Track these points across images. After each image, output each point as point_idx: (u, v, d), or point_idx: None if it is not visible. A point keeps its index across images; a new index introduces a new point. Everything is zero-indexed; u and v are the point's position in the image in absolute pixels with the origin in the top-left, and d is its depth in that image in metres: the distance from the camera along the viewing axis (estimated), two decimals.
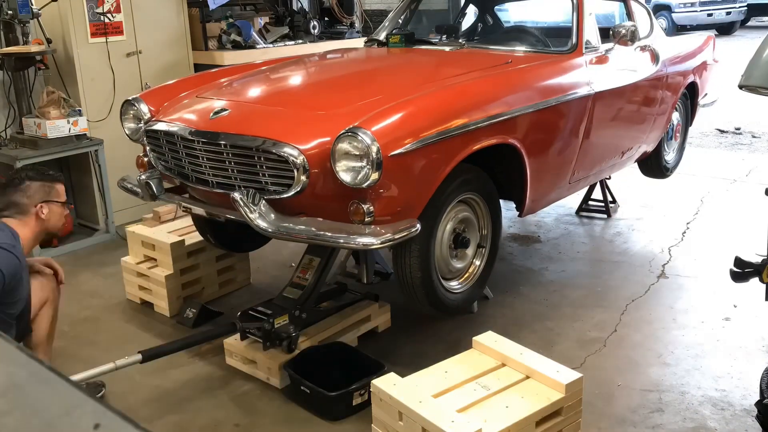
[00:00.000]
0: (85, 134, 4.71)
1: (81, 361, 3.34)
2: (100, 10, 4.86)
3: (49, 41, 4.68)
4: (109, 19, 4.92)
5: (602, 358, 3.22)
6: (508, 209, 5.25)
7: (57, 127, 4.52)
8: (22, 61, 4.59)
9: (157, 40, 5.24)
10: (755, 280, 2.55)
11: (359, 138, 2.59)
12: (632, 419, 2.75)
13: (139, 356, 2.85)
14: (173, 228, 4.00)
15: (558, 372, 2.45)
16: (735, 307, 3.63)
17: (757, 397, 2.61)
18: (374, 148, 2.57)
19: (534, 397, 2.37)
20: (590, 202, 5.18)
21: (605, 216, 5.07)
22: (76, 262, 4.57)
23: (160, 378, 3.15)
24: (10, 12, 4.55)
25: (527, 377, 2.48)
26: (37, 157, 4.53)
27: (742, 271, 2.55)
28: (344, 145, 2.62)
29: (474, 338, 2.70)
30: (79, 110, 4.71)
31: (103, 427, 0.65)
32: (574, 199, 5.28)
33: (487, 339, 2.68)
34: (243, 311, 3.22)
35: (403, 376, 2.49)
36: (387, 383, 2.43)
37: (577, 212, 5.18)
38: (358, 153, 2.61)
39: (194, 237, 3.87)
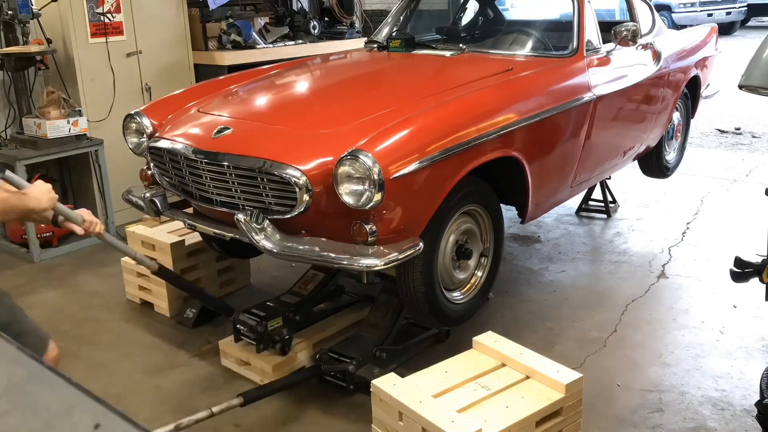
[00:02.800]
0: (85, 134, 4.71)
1: (81, 361, 3.34)
2: (100, 10, 4.86)
3: (49, 41, 4.69)
4: (109, 19, 4.92)
5: (602, 358, 3.22)
6: (508, 209, 5.25)
7: (57, 127, 4.52)
8: (22, 61, 4.59)
9: (157, 40, 5.24)
10: (755, 280, 2.55)
11: (360, 161, 2.59)
12: (632, 419, 2.76)
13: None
14: (173, 228, 4.00)
15: (558, 372, 2.45)
16: (735, 307, 3.63)
17: (757, 397, 2.61)
18: (376, 170, 2.57)
19: (534, 397, 2.37)
20: (590, 202, 5.18)
21: (605, 216, 5.07)
22: (76, 262, 4.57)
23: (160, 378, 3.15)
24: (10, 12, 4.55)
25: (527, 377, 2.48)
26: (37, 157, 4.53)
27: (742, 271, 2.55)
28: (346, 168, 2.63)
29: (474, 338, 2.70)
30: (79, 110, 4.71)
31: (103, 427, 0.65)
32: (574, 199, 5.27)
33: (487, 339, 2.68)
34: (234, 313, 3.24)
35: (403, 376, 2.49)
36: (387, 383, 2.43)
37: (577, 212, 5.18)
38: (359, 176, 2.61)
39: (194, 237, 3.87)
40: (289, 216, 2.75)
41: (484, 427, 2.19)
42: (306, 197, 2.69)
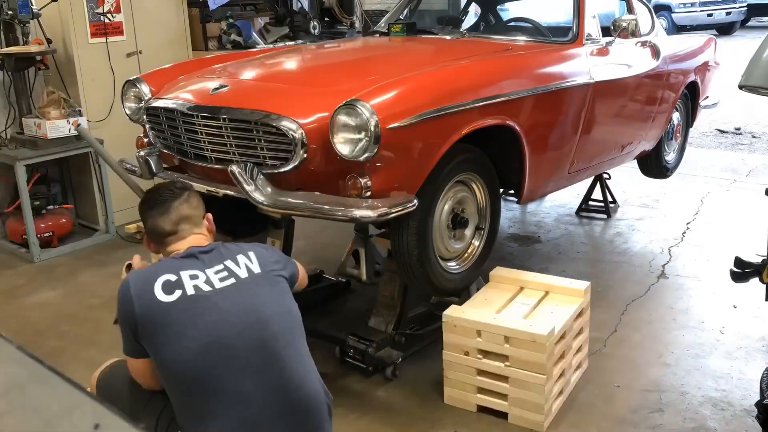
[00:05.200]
0: None
1: (81, 361, 3.34)
2: (100, 10, 4.86)
3: (49, 41, 4.68)
4: (109, 20, 4.92)
5: (602, 358, 3.22)
6: (508, 209, 5.25)
7: (57, 127, 4.52)
8: (22, 62, 4.59)
9: (157, 41, 5.24)
10: (755, 280, 2.54)
11: (358, 110, 2.58)
12: (632, 419, 2.76)
13: None
14: None
15: (572, 283, 3.08)
16: (735, 307, 3.63)
17: (757, 397, 2.61)
18: (373, 121, 2.56)
19: (564, 303, 2.97)
20: (590, 202, 5.18)
21: (605, 216, 5.07)
22: (76, 262, 4.57)
23: None
24: (10, 12, 4.55)
25: (547, 293, 3.06)
26: (37, 157, 4.53)
27: (742, 271, 2.55)
28: (343, 117, 2.62)
29: (490, 273, 3.20)
30: (79, 110, 4.71)
31: (103, 427, 0.65)
32: (574, 199, 5.28)
33: (501, 271, 3.24)
34: None
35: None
36: (456, 312, 2.86)
37: (577, 212, 5.18)
38: (356, 125, 2.60)
39: None
40: (283, 170, 2.75)
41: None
42: (301, 151, 2.68)
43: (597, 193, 5.12)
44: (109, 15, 4.91)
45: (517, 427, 2.72)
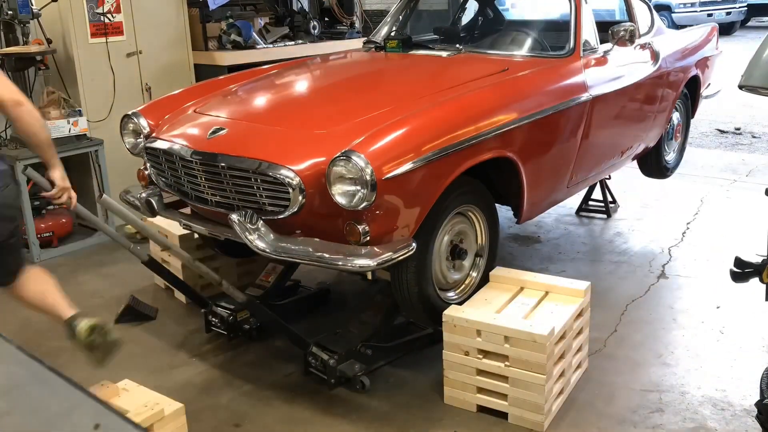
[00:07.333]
0: (85, 134, 4.71)
1: (81, 361, 3.34)
2: (100, 10, 4.86)
3: (49, 41, 4.69)
4: (109, 20, 4.92)
5: (602, 358, 3.22)
6: (508, 209, 5.25)
7: (57, 127, 4.52)
8: (22, 62, 4.59)
9: (157, 41, 5.24)
10: (755, 280, 2.54)
11: (353, 162, 2.59)
12: (632, 419, 2.76)
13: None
14: None
15: (572, 283, 3.09)
16: (734, 307, 3.63)
17: (757, 397, 2.61)
18: (368, 171, 2.57)
19: (564, 303, 2.97)
20: (590, 202, 5.18)
21: (605, 216, 5.07)
22: (76, 262, 4.57)
23: (160, 378, 3.15)
24: (10, 12, 4.55)
25: (547, 293, 3.07)
26: (37, 157, 4.52)
27: (742, 271, 2.55)
28: (339, 169, 2.63)
29: (490, 273, 3.19)
30: (79, 110, 4.71)
31: (103, 427, 0.65)
32: (574, 200, 5.27)
33: (501, 271, 3.23)
34: (209, 305, 3.43)
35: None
36: (456, 311, 2.84)
37: (577, 212, 5.18)
38: (352, 176, 2.61)
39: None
40: (282, 216, 2.76)
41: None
42: (300, 197, 2.69)
43: (597, 193, 5.12)
44: (109, 15, 4.91)
45: (517, 427, 2.73)
